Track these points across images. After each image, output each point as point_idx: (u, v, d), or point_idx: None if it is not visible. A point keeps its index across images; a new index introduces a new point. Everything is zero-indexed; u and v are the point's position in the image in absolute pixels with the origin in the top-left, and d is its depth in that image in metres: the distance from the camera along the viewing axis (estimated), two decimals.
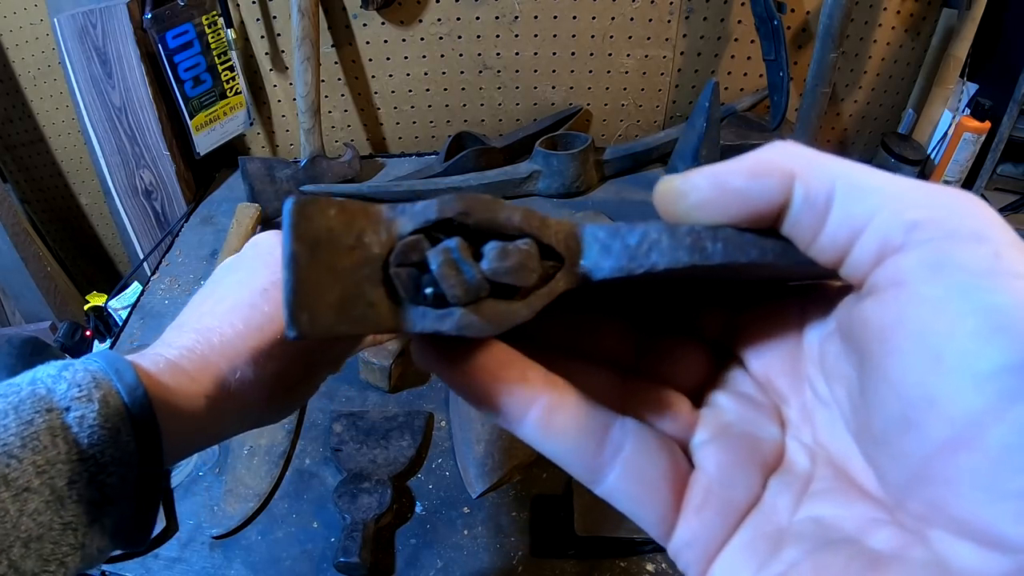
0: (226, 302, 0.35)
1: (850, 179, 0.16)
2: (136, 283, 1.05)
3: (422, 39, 1.04)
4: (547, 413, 0.18)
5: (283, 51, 1.05)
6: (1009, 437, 0.13)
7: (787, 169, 0.16)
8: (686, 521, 0.18)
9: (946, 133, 0.99)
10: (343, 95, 1.10)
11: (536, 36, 1.04)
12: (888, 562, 0.15)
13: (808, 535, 0.17)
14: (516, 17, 1.02)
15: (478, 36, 1.04)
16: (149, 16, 0.91)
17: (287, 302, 0.15)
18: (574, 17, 1.02)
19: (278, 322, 0.34)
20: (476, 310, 0.17)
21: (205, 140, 1.04)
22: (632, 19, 1.02)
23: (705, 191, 0.17)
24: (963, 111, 0.97)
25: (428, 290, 0.17)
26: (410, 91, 1.10)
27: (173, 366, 0.32)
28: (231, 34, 1.00)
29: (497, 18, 1.02)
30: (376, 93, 1.11)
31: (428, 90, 1.10)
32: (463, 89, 1.10)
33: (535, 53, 1.06)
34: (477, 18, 1.02)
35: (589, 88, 1.10)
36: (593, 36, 1.04)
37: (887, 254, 0.15)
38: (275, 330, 0.34)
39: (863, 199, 0.15)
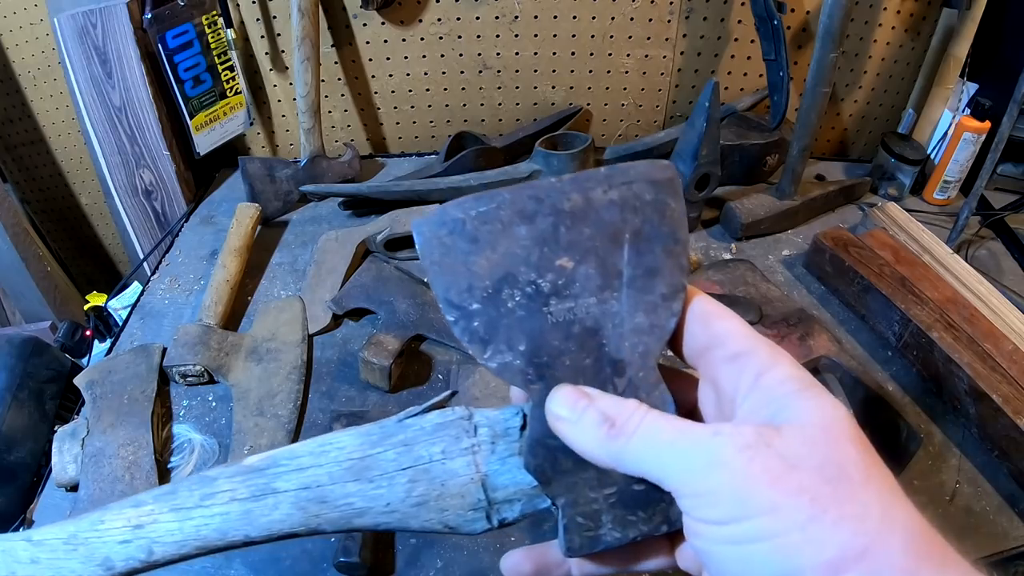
0: None
1: None
2: (136, 283, 1.05)
3: (422, 39, 1.04)
4: None
5: (283, 51, 1.05)
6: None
7: None
8: None
9: (946, 133, 0.99)
10: (343, 95, 1.10)
11: (536, 36, 1.04)
12: None
13: None
14: (516, 17, 1.02)
15: (478, 36, 1.04)
16: (149, 16, 0.91)
17: None
18: (574, 17, 1.02)
19: None
20: None
21: (205, 140, 1.04)
22: (632, 19, 1.02)
23: None
24: (963, 111, 0.97)
25: None
26: (410, 91, 1.10)
27: None
28: (231, 34, 1.01)
29: (497, 18, 1.02)
30: (376, 93, 1.11)
31: (428, 90, 1.10)
32: (463, 89, 1.10)
33: (535, 53, 1.06)
34: (477, 18, 1.02)
35: (589, 88, 1.10)
36: (593, 36, 1.04)
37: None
38: None
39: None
